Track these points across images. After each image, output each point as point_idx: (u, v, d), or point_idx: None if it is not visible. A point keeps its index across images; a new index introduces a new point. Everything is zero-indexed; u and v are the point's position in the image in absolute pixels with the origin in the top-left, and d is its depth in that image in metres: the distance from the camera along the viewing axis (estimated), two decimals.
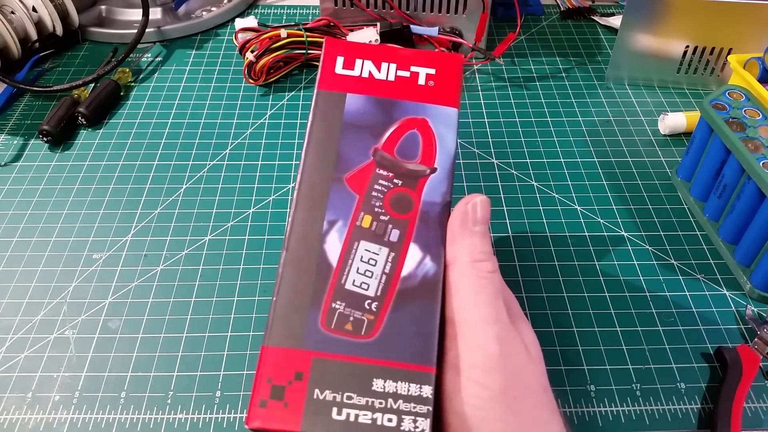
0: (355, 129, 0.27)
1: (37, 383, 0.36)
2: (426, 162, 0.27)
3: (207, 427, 0.35)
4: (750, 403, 0.36)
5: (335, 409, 0.22)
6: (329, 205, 0.25)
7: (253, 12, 0.68)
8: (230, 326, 0.39)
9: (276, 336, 0.24)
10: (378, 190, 0.26)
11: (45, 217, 0.46)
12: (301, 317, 0.24)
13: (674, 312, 0.40)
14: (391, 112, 0.27)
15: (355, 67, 0.28)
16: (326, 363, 0.23)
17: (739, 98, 0.44)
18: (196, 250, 0.44)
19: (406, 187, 0.26)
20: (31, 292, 0.41)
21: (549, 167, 0.50)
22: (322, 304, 0.24)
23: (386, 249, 0.25)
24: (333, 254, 0.25)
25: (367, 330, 0.24)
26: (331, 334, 0.23)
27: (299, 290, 0.24)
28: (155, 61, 0.61)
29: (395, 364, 0.23)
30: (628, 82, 0.59)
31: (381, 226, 0.25)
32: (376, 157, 0.26)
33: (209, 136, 0.53)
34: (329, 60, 0.28)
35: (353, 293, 0.24)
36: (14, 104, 0.56)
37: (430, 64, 0.28)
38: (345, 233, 0.25)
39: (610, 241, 0.45)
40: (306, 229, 0.25)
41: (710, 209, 0.45)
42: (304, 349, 0.23)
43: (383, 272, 0.25)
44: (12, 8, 0.56)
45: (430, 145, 0.27)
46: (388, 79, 0.28)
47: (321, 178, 0.26)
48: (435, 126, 0.27)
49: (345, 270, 0.25)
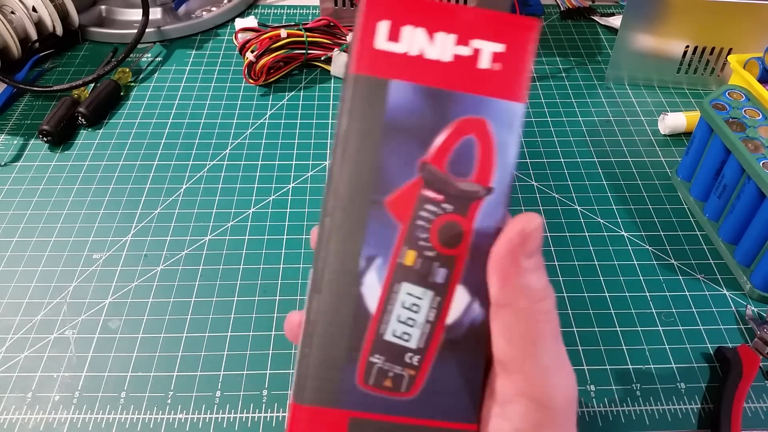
0: (398, 132, 0.21)
1: (37, 383, 0.36)
2: (481, 179, 0.21)
3: (207, 427, 0.35)
4: (750, 403, 0.36)
5: None
6: (366, 238, 0.21)
7: (253, 12, 0.68)
8: (230, 326, 0.39)
9: (309, 394, 0.21)
10: (424, 217, 0.21)
11: (45, 217, 0.46)
12: (336, 373, 0.21)
13: (674, 312, 0.40)
14: (445, 108, 0.21)
15: (402, 38, 0.21)
16: (364, 423, 0.21)
17: (739, 98, 0.44)
18: (196, 250, 0.44)
19: (456, 213, 0.21)
20: (31, 292, 0.41)
21: (549, 167, 0.50)
22: (360, 358, 0.21)
23: (431, 293, 0.21)
24: (371, 299, 0.21)
25: (408, 386, 0.21)
26: (370, 391, 0.21)
27: (335, 342, 0.21)
28: (155, 61, 0.61)
29: (436, 423, 0.21)
30: (628, 82, 0.59)
31: (426, 263, 0.21)
32: (423, 174, 0.21)
33: (209, 136, 0.53)
34: (369, 26, 0.21)
35: (393, 345, 0.21)
36: (14, 104, 0.56)
37: (500, 35, 0.21)
38: (385, 273, 0.21)
39: (610, 241, 0.45)
40: (341, 267, 0.21)
41: (710, 209, 0.45)
42: (340, 409, 0.21)
43: (426, 320, 0.21)
44: (12, 8, 0.56)
45: (489, 156, 0.21)
46: (442, 60, 0.21)
47: (357, 201, 0.21)
48: (496, 129, 0.21)
49: (385, 318, 0.21)
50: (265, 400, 0.36)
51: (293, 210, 0.46)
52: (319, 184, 0.48)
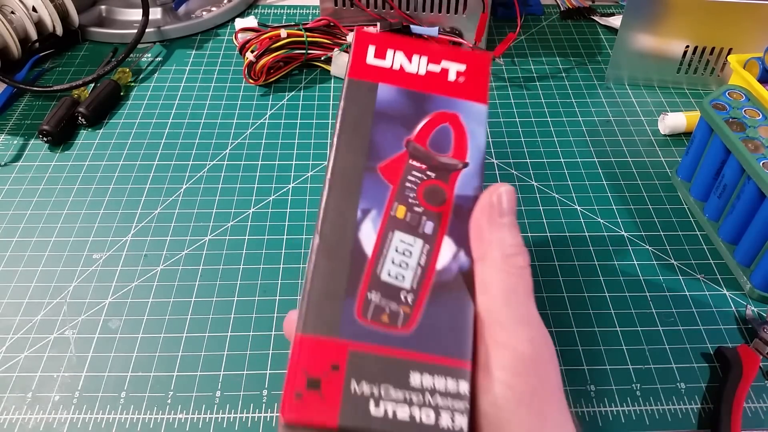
0: (387, 118, 0.26)
1: (37, 383, 0.36)
2: (458, 156, 0.26)
3: (207, 427, 0.35)
4: (750, 403, 0.36)
5: (373, 403, 0.21)
6: (362, 194, 0.25)
7: (253, 12, 0.68)
8: (230, 326, 0.39)
9: (311, 324, 0.23)
10: (411, 181, 0.25)
11: (45, 217, 0.46)
12: (336, 306, 0.23)
13: (674, 312, 0.40)
14: (423, 105, 0.27)
15: (387, 57, 0.28)
16: (363, 355, 0.22)
17: (739, 98, 0.44)
18: (196, 250, 0.44)
19: (439, 179, 0.26)
20: (31, 292, 0.41)
21: (549, 167, 0.50)
22: (358, 293, 0.23)
23: (421, 240, 0.24)
24: (368, 243, 0.24)
25: (404, 322, 0.23)
26: (368, 325, 0.23)
27: (334, 278, 0.23)
28: (155, 61, 0.61)
29: (432, 358, 0.22)
30: (628, 82, 0.59)
31: (415, 217, 0.25)
32: (409, 148, 0.26)
33: (209, 136, 0.53)
34: (360, 49, 0.28)
35: (389, 284, 0.24)
36: (14, 104, 0.56)
37: (461, 60, 0.28)
38: (379, 223, 0.25)
39: (610, 241, 0.45)
40: (340, 216, 0.24)
41: (710, 209, 0.45)
42: (340, 339, 0.22)
43: (418, 264, 0.24)
44: (12, 8, 0.56)
45: (462, 139, 0.26)
46: (419, 73, 0.27)
47: (354, 166, 0.25)
48: (466, 121, 0.27)
49: (380, 260, 0.24)
50: (265, 400, 0.36)
51: (293, 210, 0.46)
52: (319, 184, 0.48)
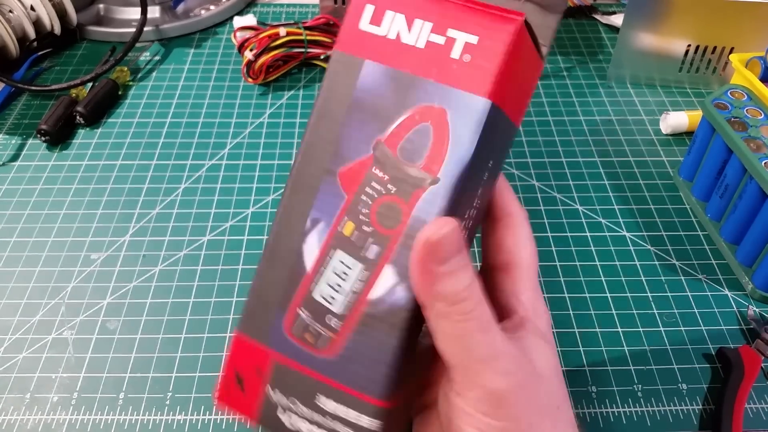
0: (363, 110, 0.22)
1: (35, 384, 0.36)
2: (429, 168, 0.21)
3: (206, 428, 0.34)
4: (752, 404, 0.36)
5: (280, 410, 0.23)
6: (316, 202, 0.23)
7: (251, 10, 0.68)
8: (229, 327, 0.39)
9: (246, 325, 0.24)
10: (368, 194, 0.22)
11: (43, 217, 0.46)
12: (269, 315, 0.23)
13: (676, 312, 0.40)
14: (408, 93, 0.22)
15: (383, 22, 0.22)
16: (286, 370, 0.23)
17: (741, 97, 0.44)
18: (195, 251, 0.43)
19: (398, 195, 0.22)
20: (29, 293, 0.41)
21: (550, 167, 0.50)
22: (289, 307, 0.23)
23: (361, 265, 0.22)
24: (309, 257, 0.23)
25: (324, 345, 0.23)
26: (293, 341, 0.23)
27: (271, 286, 0.23)
28: (153, 60, 0.61)
29: (349, 390, 0.22)
30: (630, 81, 0.58)
31: (361, 237, 0.22)
32: (376, 152, 0.22)
33: (208, 135, 0.53)
34: (356, 9, 0.23)
35: (319, 304, 0.23)
36: (12, 103, 0.56)
37: (475, 28, 0.21)
38: (324, 237, 0.23)
39: (612, 242, 0.44)
40: (290, 222, 0.23)
41: (712, 209, 0.45)
42: (267, 347, 0.23)
43: (352, 290, 0.22)
44: (10, 7, 0.56)
45: (441, 146, 0.21)
46: (416, 45, 0.22)
47: (315, 167, 0.23)
48: (453, 121, 0.21)
49: (316, 278, 0.23)
50: None
51: None
52: None
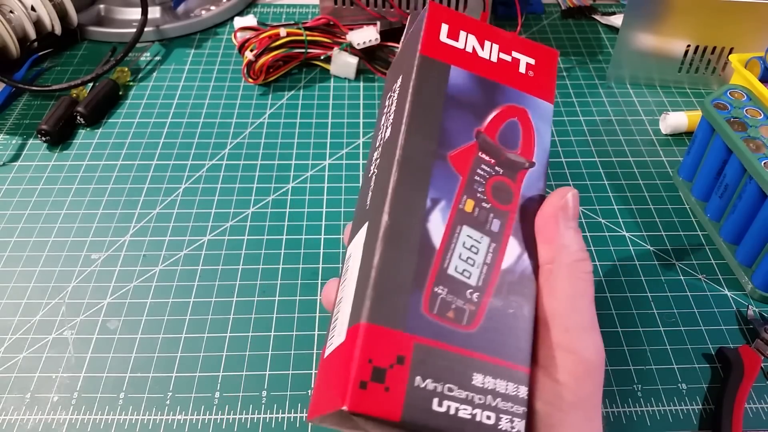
0: (458, 104, 0.25)
1: (35, 384, 0.36)
2: (525, 154, 0.25)
3: (206, 428, 0.34)
4: (751, 403, 0.36)
5: (436, 400, 0.21)
6: (432, 182, 0.24)
7: (252, 11, 0.68)
8: (229, 327, 0.39)
9: (377, 313, 0.21)
10: (480, 174, 0.24)
11: (43, 217, 0.46)
12: (403, 298, 0.22)
13: (675, 312, 0.40)
14: (493, 94, 0.26)
15: (460, 38, 0.26)
16: (428, 350, 0.21)
17: (741, 98, 0.44)
18: (195, 251, 0.43)
19: (506, 176, 0.25)
20: (30, 293, 0.41)
21: (550, 167, 0.50)
22: (425, 286, 0.22)
23: (488, 238, 0.24)
24: (436, 234, 0.23)
25: (469, 320, 0.22)
26: (434, 319, 0.22)
27: (402, 268, 0.22)
28: (154, 60, 0.61)
29: (494, 360, 0.22)
30: (630, 81, 0.58)
31: (483, 213, 0.24)
32: (479, 140, 0.25)
33: (208, 135, 0.53)
34: (433, 25, 0.26)
35: (456, 280, 0.23)
36: (13, 104, 0.56)
37: (531, 54, 0.27)
38: (448, 215, 0.23)
39: (612, 241, 0.44)
40: (408, 203, 0.23)
41: (712, 209, 0.45)
42: (407, 332, 0.21)
43: (485, 262, 0.23)
44: (11, 7, 0.56)
45: (530, 137, 0.26)
46: (491, 60, 0.26)
47: (424, 151, 0.24)
48: (533, 118, 0.26)
49: (448, 254, 0.23)
50: (264, 401, 0.36)
51: (292, 210, 0.46)
52: (319, 183, 0.48)
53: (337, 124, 0.54)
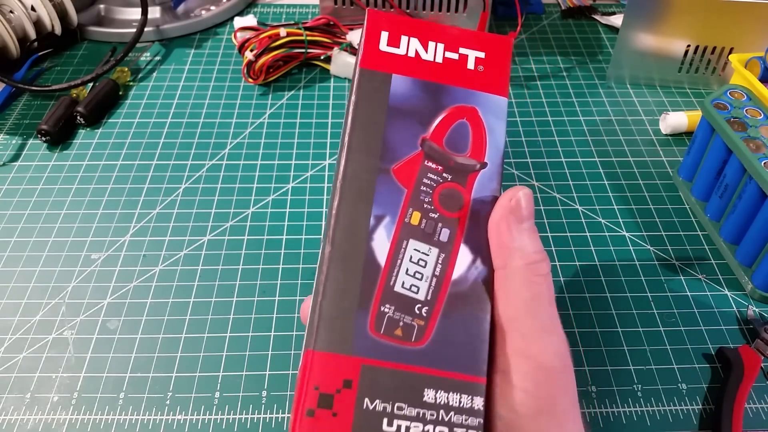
0: (401, 114, 0.25)
1: (35, 384, 0.36)
2: (476, 155, 0.25)
3: (206, 428, 0.34)
4: (751, 403, 0.36)
5: (386, 420, 0.21)
6: (376, 199, 0.23)
7: (252, 11, 0.68)
8: (229, 327, 0.39)
9: (323, 340, 0.22)
10: (427, 184, 0.24)
11: (43, 217, 0.46)
12: (349, 320, 0.22)
13: (675, 312, 0.40)
14: (439, 97, 0.25)
15: (401, 44, 0.26)
16: (376, 371, 0.22)
17: (741, 98, 0.44)
18: (195, 251, 0.43)
19: (455, 182, 0.24)
20: (30, 293, 0.41)
21: (550, 167, 0.50)
22: (371, 306, 0.22)
23: (436, 249, 0.23)
24: (381, 253, 0.23)
25: (418, 336, 0.22)
26: (381, 339, 0.22)
27: (346, 291, 0.22)
28: (154, 60, 0.61)
29: (446, 373, 0.22)
30: (630, 81, 0.58)
31: (431, 224, 0.24)
32: (424, 148, 0.24)
33: (208, 135, 0.53)
34: (373, 34, 0.26)
35: (403, 296, 0.23)
36: (13, 104, 0.56)
37: (480, 47, 0.26)
38: (393, 230, 0.23)
39: (612, 242, 0.44)
40: (352, 223, 0.23)
41: (712, 209, 0.45)
42: (352, 356, 0.22)
43: (433, 274, 0.23)
44: (11, 7, 0.56)
45: (480, 137, 0.25)
46: (435, 61, 0.26)
47: (366, 168, 0.24)
48: (485, 116, 0.25)
49: (394, 270, 0.23)
50: (264, 401, 0.36)
51: (292, 210, 0.46)
52: (319, 183, 0.48)
53: (337, 124, 0.54)
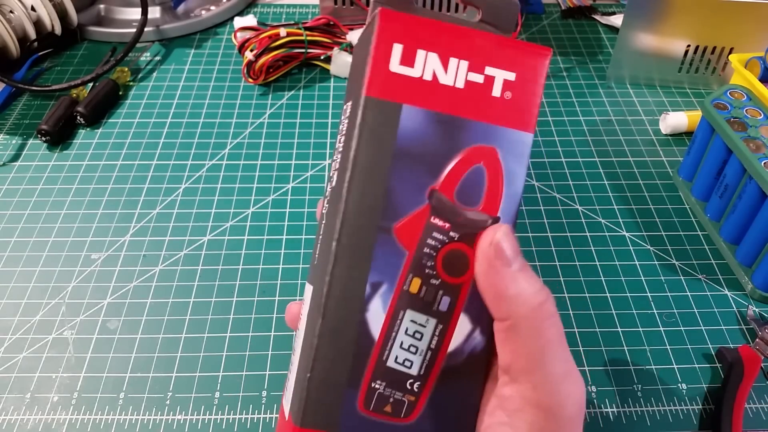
0: (409, 159, 0.21)
1: (35, 384, 0.36)
2: (488, 208, 0.22)
3: (206, 428, 0.34)
4: (751, 403, 0.36)
5: None
6: (373, 264, 0.21)
7: (252, 11, 0.68)
8: (229, 327, 0.39)
9: (310, 418, 0.21)
10: (431, 245, 0.21)
11: (43, 217, 0.46)
12: (337, 397, 0.21)
13: (675, 312, 0.40)
14: (455, 135, 0.21)
15: (416, 62, 0.21)
16: None
17: (741, 98, 0.44)
18: (195, 251, 0.43)
19: (462, 242, 0.21)
20: (30, 293, 0.41)
21: (550, 167, 0.50)
22: (361, 383, 0.21)
23: (434, 320, 0.22)
24: (375, 325, 0.21)
25: (407, 412, 0.22)
26: (370, 416, 0.21)
27: (336, 366, 0.21)
28: (154, 60, 0.61)
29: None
30: (630, 81, 0.58)
31: (431, 291, 0.21)
32: (432, 201, 0.21)
33: (208, 135, 0.53)
34: (383, 48, 0.21)
35: (395, 371, 0.21)
36: (13, 104, 0.56)
37: (511, 65, 0.21)
38: (390, 300, 0.21)
39: (612, 242, 0.44)
40: (346, 292, 0.21)
41: (712, 209, 0.45)
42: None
43: (428, 347, 0.22)
44: (11, 7, 0.56)
45: (497, 185, 0.22)
46: (455, 86, 0.21)
47: (366, 226, 0.21)
48: (504, 159, 0.22)
49: (387, 344, 0.21)
50: (264, 401, 0.36)
51: (292, 210, 0.46)
52: (319, 183, 0.48)
53: (337, 125, 0.54)
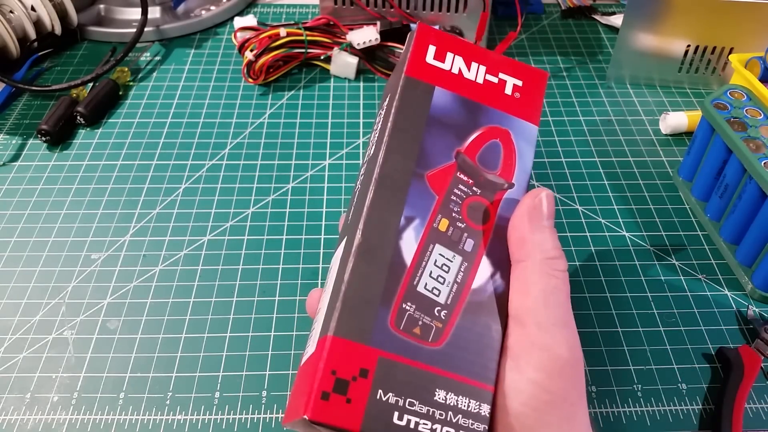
0: (439, 125, 0.26)
1: (35, 384, 0.36)
2: (505, 175, 0.26)
3: (206, 428, 0.34)
4: (751, 403, 0.36)
5: (396, 414, 0.22)
6: (408, 200, 0.24)
7: (252, 11, 0.68)
8: (229, 327, 0.39)
9: (344, 327, 0.22)
10: (457, 194, 0.25)
11: (43, 217, 0.46)
12: (370, 312, 0.23)
13: (675, 312, 0.40)
14: (476, 116, 0.26)
15: (446, 59, 0.27)
16: (392, 364, 0.22)
17: (741, 98, 0.44)
18: (195, 251, 0.43)
19: (483, 197, 0.25)
20: (30, 293, 0.41)
21: (550, 167, 0.50)
22: (393, 302, 0.23)
23: (460, 257, 0.24)
24: (408, 252, 0.24)
25: (435, 337, 0.23)
26: (399, 335, 0.23)
27: (371, 283, 0.23)
28: (154, 60, 0.61)
29: (458, 377, 0.23)
30: (630, 81, 0.58)
31: (457, 232, 0.25)
32: (458, 160, 0.26)
33: (208, 135, 0.53)
34: (421, 46, 0.27)
35: (424, 297, 0.23)
36: (13, 104, 0.56)
37: (518, 75, 0.28)
38: (421, 233, 0.24)
39: (612, 241, 0.44)
40: (383, 219, 0.24)
41: (712, 209, 0.45)
42: (371, 346, 0.22)
43: (455, 281, 0.24)
44: (11, 7, 0.56)
45: (511, 158, 0.26)
46: (476, 81, 0.27)
47: (403, 170, 0.25)
48: (516, 140, 0.27)
49: (418, 271, 0.24)
50: (264, 401, 0.36)
51: (292, 210, 0.46)
52: (319, 183, 0.48)
53: (337, 124, 0.54)
